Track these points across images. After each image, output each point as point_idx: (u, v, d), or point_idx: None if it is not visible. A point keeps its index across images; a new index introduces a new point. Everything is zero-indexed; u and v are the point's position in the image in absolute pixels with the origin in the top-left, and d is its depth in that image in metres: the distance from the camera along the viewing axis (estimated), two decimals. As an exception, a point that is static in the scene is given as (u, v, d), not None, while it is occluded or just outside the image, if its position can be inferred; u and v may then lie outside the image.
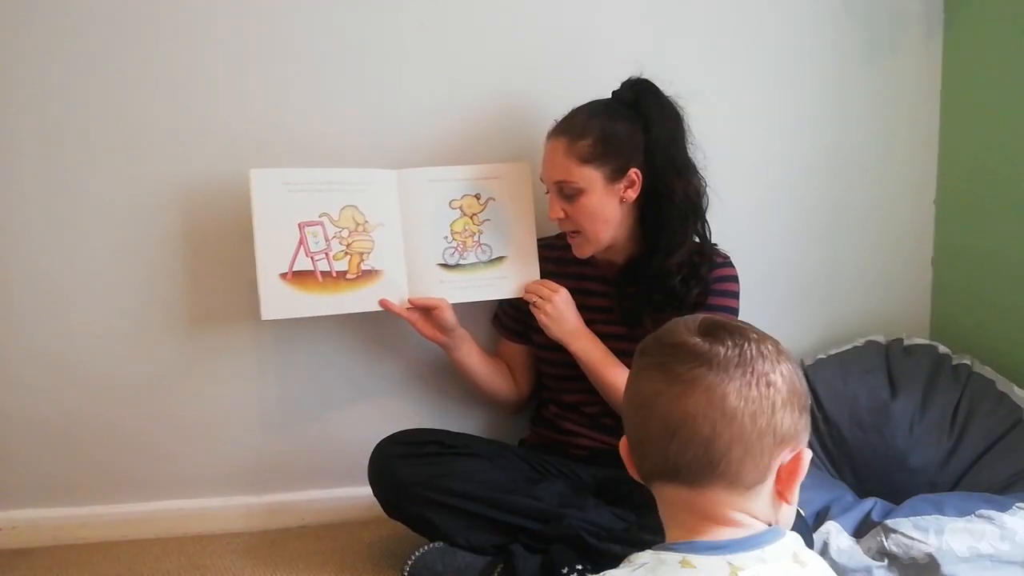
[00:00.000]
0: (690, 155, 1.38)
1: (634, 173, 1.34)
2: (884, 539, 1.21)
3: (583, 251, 1.40)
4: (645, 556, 0.66)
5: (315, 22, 1.50)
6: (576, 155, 1.32)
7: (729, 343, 0.68)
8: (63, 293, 1.49)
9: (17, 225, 1.47)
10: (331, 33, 1.50)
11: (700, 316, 0.72)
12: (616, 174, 1.33)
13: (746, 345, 0.68)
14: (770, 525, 0.68)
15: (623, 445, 0.74)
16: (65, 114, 1.45)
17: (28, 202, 1.47)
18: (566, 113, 1.38)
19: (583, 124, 1.33)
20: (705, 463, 0.66)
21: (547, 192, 1.40)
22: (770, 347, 0.69)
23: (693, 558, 0.64)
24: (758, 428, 0.65)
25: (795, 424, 0.68)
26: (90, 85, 1.45)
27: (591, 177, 1.33)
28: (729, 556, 0.64)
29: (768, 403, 0.66)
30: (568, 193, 1.34)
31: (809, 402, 0.71)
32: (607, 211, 1.35)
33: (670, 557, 0.64)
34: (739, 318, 1.39)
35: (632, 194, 1.35)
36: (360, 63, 1.52)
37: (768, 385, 0.67)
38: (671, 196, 1.35)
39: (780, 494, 0.69)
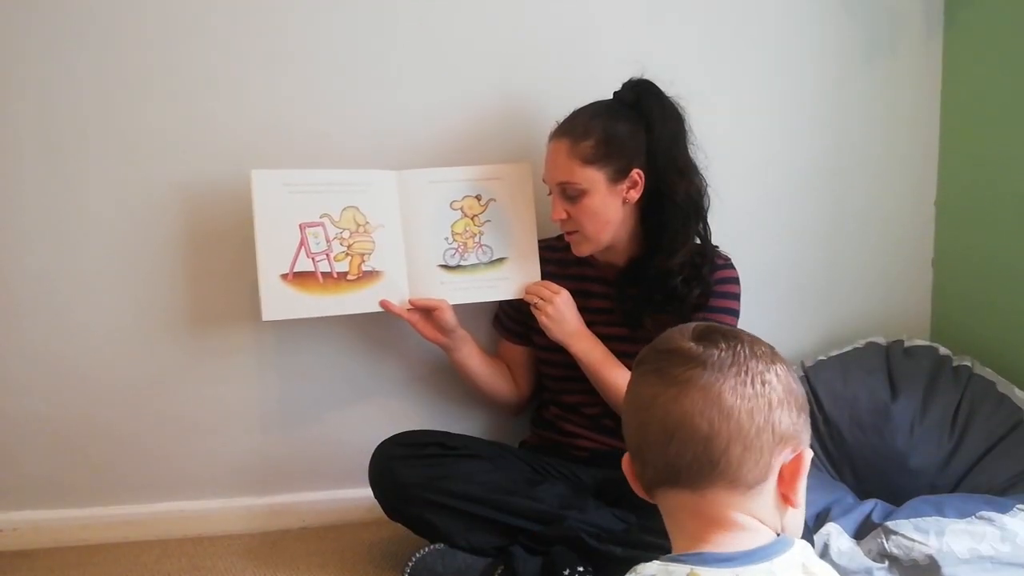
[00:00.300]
0: (691, 155, 1.38)
1: (636, 174, 1.34)
2: (885, 541, 1.21)
3: (581, 249, 1.40)
4: (652, 568, 0.65)
5: (315, 23, 1.49)
6: (579, 156, 1.32)
7: (723, 345, 0.69)
8: (64, 296, 1.49)
9: (17, 228, 1.47)
10: (331, 34, 1.50)
11: (694, 323, 0.74)
12: (619, 175, 1.33)
13: (739, 347, 0.69)
14: (778, 534, 0.68)
15: (625, 460, 0.74)
16: (64, 117, 1.45)
17: (28, 205, 1.47)
18: (568, 114, 1.38)
19: (585, 125, 1.33)
20: (705, 462, 0.66)
21: (549, 193, 1.39)
22: (764, 349, 0.71)
23: (702, 571, 0.63)
24: (756, 425, 0.66)
25: (794, 423, 0.68)
26: (89, 87, 1.45)
27: (594, 178, 1.33)
28: (738, 569, 0.64)
29: (764, 400, 0.67)
30: (571, 194, 1.34)
31: (807, 403, 0.71)
32: (610, 212, 1.35)
33: (678, 569, 0.64)
34: (740, 319, 1.40)
35: (635, 195, 1.35)
36: (360, 64, 1.51)
37: (764, 383, 0.67)
38: (673, 196, 1.35)
39: (784, 497, 0.69)
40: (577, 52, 1.57)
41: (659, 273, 1.36)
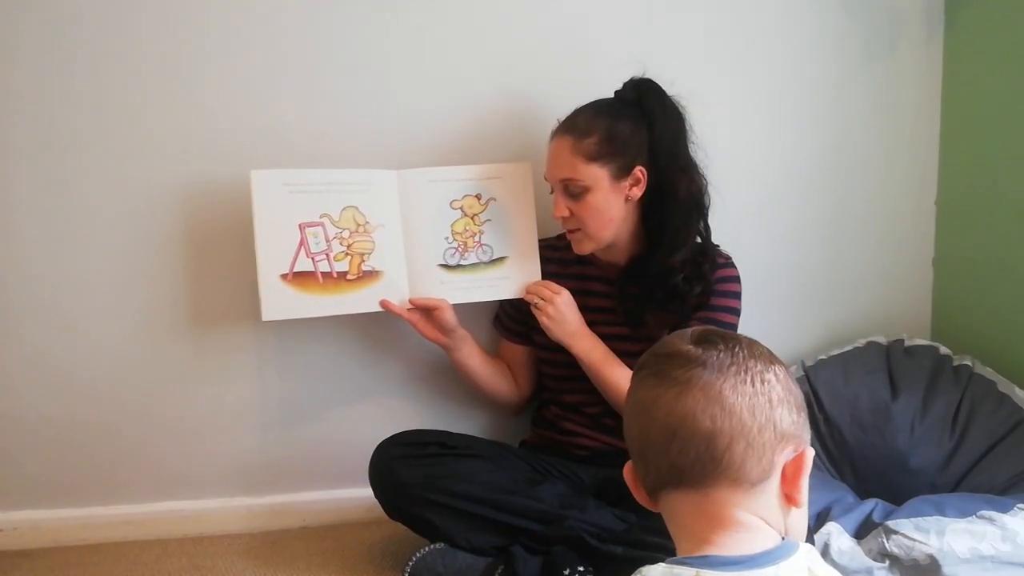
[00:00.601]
0: (692, 154, 1.38)
1: (639, 171, 1.34)
2: (885, 540, 1.21)
3: (583, 248, 1.40)
4: (657, 570, 0.65)
5: (315, 24, 1.49)
6: (582, 153, 1.32)
7: (722, 347, 0.70)
8: (63, 296, 1.49)
9: (15, 230, 1.47)
10: (331, 35, 1.50)
11: (692, 328, 0.75)
12: (622, 172, 1.34)
13: (738, 348, 0.70)
14: (783, 538, 0.68)
15: (627, 469, 0.74)
16: (63, 117, 1.45)
17: (26, 207, 1.46)
18: (569, 112, 1.38)
19: (588, 122, 1.33)
20: (708, 460, 0.66)
21: (551, 191, 1.39)
22: (762, 350, 0.71)
23: (707, 574, 0.63)
24: (758, 422, 0.66)
25: (795, 423, 0.69)
26: (87, 88, 1.45)
27: (597, 175, 1.33)
28: (744, 573, 0.64)
29: (765, 398, 0.67)
30: (574, 191, 1.34)
31: (805, 404, 0.72)
32: (612, 209, 1.35)
33: (684, 572, 0.64)
34: (740, 319, 1.40)
35: (637, 192, 1.35)
36: (359, 64, 1.51)
37: (763, 382, 0.68)
38: (675, 194, 1.35)
39: (788, 497, 0.69)
40: (577, 52, 1.57)
41: (660, 271, 1.36)
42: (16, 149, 1.45)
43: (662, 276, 1.36)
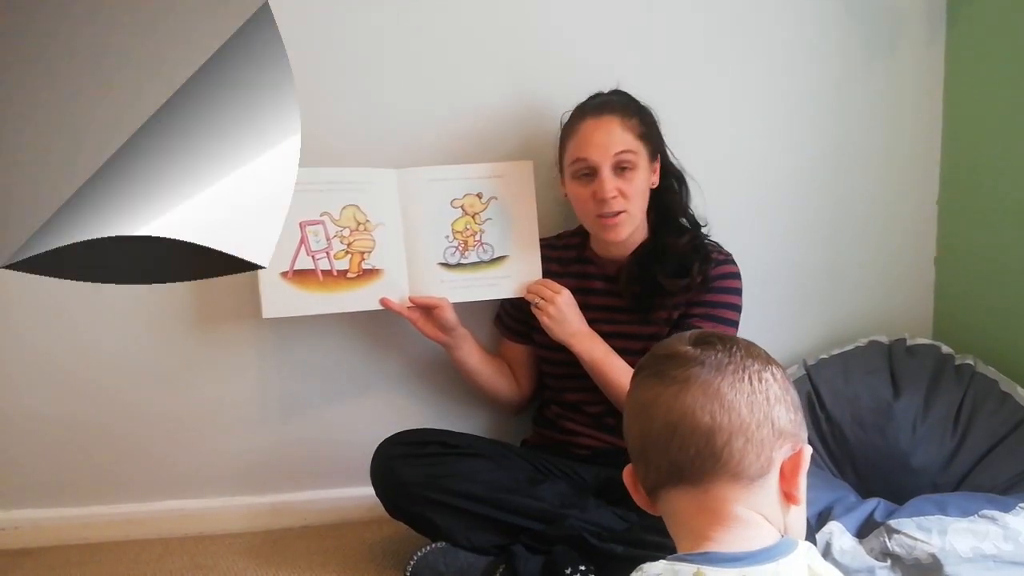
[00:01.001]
0: None
1: (659, 157, 1.39)
2: (887, 539, 1.21)
3: (621, 232, 1.36)
4: (658, 567, 0.66)
5: (314, 24, 1.49)
6: (632, 130, 1.34)
7: (720, 347, 0.71)
8: (63, 295, 1.49)
9: (19, 226, 1.47)
10: (330, 35, 1.50)
11: (690, 331, 0.76)
12: (653, 156, 1.38)
13: (735, 348, 0.71)
14: (783, 535, 0.69)
15: (627, 472, 0.75)
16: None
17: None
18: (572, 109, 1.39)
19: (624, 104, 1.36)
20: (707, 455, 0.67)
21: (585, 174, 1.35)
22: (759, 352, 0.73)
23: (708, 570, 0.64)
24: (756, 419, 0.67)
25: (792, 421, 0.70)
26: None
27: (642, 153, 1.35)
28: (745, 569, 0.64)
29: (763, 396, 0.69)
30: (625, 167, 1.34)
31: (801, 405, 0.73)
32: (647, 191, 1.38)
33: (684, 569, 0.64)
34: (741, 316, 1.40)
35: (656, 180, 1.39)
36: (360, 64, 1.51)
37: (760, 380, 0.69)
38: (672, 186, 1.41)
39: (786, 495, 0.69)
40: (578, 52, 1.56)
41: (664, 249, 1.38)
42: (18, 148, 1.45)
43: (665, 253, 1.38)
